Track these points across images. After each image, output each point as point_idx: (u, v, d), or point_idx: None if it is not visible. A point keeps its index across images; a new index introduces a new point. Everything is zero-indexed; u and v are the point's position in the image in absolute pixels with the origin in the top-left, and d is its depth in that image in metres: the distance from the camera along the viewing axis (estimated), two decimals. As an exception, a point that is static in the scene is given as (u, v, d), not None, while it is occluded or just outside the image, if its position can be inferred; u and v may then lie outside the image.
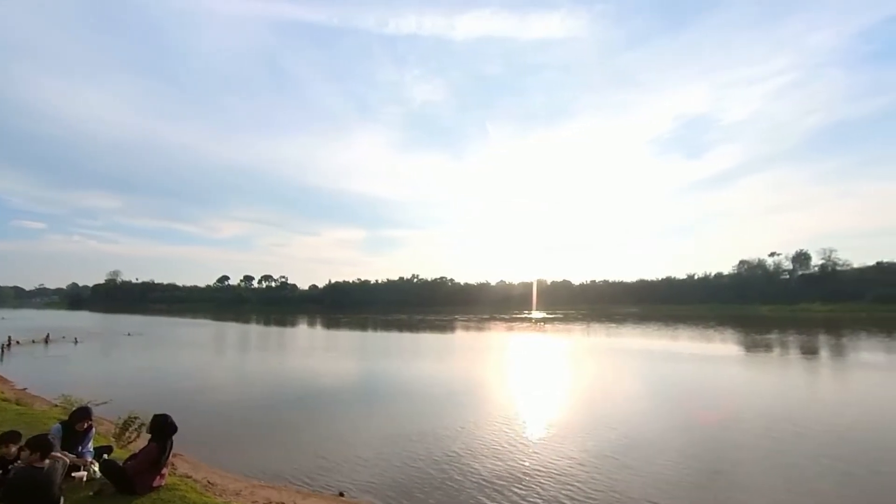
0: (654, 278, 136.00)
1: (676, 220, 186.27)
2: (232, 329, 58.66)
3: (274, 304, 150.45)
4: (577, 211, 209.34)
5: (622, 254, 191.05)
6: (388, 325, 61.41)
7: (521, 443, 10.94)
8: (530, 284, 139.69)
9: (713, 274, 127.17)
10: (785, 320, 63.36)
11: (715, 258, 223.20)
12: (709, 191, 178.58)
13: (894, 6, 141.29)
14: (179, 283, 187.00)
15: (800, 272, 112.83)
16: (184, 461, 9.13)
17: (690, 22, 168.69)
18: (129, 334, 44.89)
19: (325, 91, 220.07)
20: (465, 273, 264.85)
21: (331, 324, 67.33)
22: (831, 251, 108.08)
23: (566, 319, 73.52)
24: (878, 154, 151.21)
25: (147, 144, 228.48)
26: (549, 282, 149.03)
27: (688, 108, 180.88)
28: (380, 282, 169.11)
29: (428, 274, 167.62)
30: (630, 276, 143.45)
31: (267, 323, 71.69)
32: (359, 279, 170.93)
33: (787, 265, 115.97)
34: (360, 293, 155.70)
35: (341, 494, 8.16)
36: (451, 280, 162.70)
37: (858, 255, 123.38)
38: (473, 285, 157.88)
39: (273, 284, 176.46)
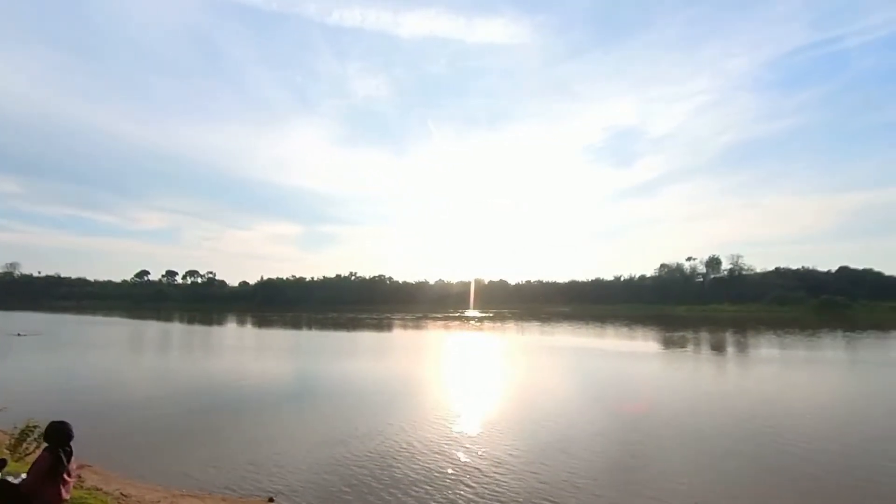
0: (585, 279, 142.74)
1: (606, 224, 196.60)
2: (150, 328, 54.56)
3: (200, 301, 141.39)
4: (514, 213, 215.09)
5: (555, 255, 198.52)
6: (323, 324, 59.82)
7: (454, 440, 11.06)
8: (468, 284, 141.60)
9: (637, 276, 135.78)
10: (698, 319, 68.83)
11: (639, 261, 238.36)
12: (635, 198, 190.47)
13: (796, 41, 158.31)
14: (91, 278, 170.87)
15: (712, 276, 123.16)
16: (93, 473, 8.36)
17: (623, 39, 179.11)
18: (19, 334, 38.99)
19: (262, 78, 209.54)
20: (404, 271, 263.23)
21: (261, 322, 64.49)
22: (738, 257, 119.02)
23: (502, 318, 75.37)
24: (778, 171, 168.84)
25: (56, 123, 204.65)
26: (486, 281, 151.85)
27: (618, 119, 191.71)
28: (316, 279, 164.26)
29: (366, 272, 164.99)
30: (562, 277, 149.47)
31: (191, 321, 67.38)
32: (293, 276, 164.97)
33: (702, 269, 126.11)
34: (295, 291, 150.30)
35: (271, 500, 7.83)
36: (390, 278, 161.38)
37: (760, 260, 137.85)
38: (412, 284, 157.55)
39: (199, 280, 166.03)
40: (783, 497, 7.97)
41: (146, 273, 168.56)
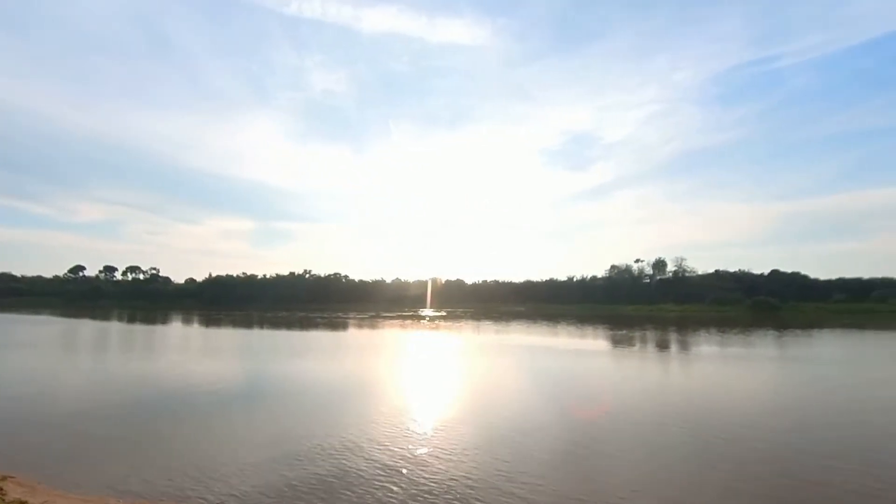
0: (539, 279, 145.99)
1: (560, 226, 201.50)
2: (85, 327, 51.12)
3: (141, 298, 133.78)
4: (472, 213, 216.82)
5: (511, 255, 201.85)
6: (275, 323, 58.06)
7: (408, 441, 11.01)
8: (425, 283, 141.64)
9: (589, 277, 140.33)
10: (645, 319, 71.95)
11: (591, 262, 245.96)
12: (588, 202, 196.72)
13: (737, 58, 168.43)
14: (18, 273, 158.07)
15: (658, 277, 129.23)
16: (17, 484, 7.73)
17: (579, 47, 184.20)
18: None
19: (215, 67, 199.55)
20: (361, 270, 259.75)
21: (209, 321, 61.83)
22: (682, 260, 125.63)
23: (459, 317, 75.85)
24: (719, 180, 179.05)
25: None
26: (443, 280, 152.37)
27: (574, 125, 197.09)
28: (269, 277, 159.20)
29: (322, 270, 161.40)
30: (518, 277, 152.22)
31: (131, 320, 63.66)
32: (244, 273, 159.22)
33: (649, 271, 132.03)
34: (246, 288, 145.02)
35: (218, 507, 7.50)
36: (346, 276, 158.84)
37: (702, 263, 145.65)
38: (368, 282, 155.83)
39: (141, 277, 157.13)
40: (717, 485, 8.44)
41: (81, 268, 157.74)
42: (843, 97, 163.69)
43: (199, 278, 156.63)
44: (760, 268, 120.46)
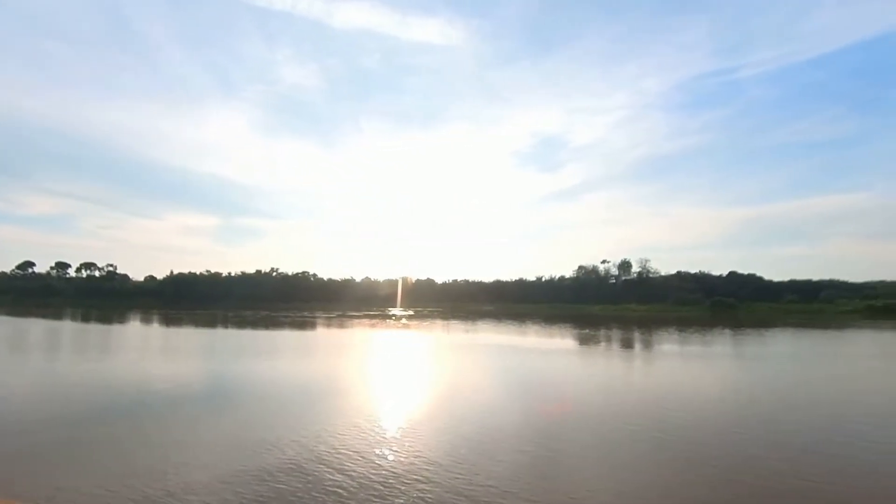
0: (509, 279, 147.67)
1: (530, 226, 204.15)
2: (35, 327, 48.51)
3: (97, 296, 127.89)
4: (443, 212, 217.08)
5: (482, 255, 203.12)
6: (240, 322, 56.58)
7: (376, 442, 10.95)
8: (395, 282, 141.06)
9: (558, 277, 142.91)
10: (611, 318, 73.76)
11: (560, 263, 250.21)
12: (558, 203, 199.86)
13: (700, 68, 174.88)
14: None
15: (623, 278, 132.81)
16: (-46, 493, 7.26)
17: (551, 52, 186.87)
18: None
19: (179, 56, 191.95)
20: (329, 268, 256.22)
21: (170, 320, 59.71)
22: (646, 261, 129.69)
23: (429, 316, 75.83)
24: (682, 184, 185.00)
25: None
26: (413, 280, 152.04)
27: (545, 127, 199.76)
28: (233, 275, 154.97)
29: (289, 268, 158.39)
30: (488, 277, 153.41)
31: (86, 319, 60.80)
32: (208, 271, 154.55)
33: (615, 271, 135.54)
34: (209, 287, 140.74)
35: (175, 513, 7.26)
36: (315, 275, 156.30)
37: (665, 264, 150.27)
38: (338, 281, 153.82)
39: (96, 274, 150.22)
40: (684, 481, 8.74)
41: (31, 264, 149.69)
42: (797, 108, 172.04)
43: (160, 276, 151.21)
44: (719, 269, 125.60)
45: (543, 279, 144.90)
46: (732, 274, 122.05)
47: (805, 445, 10.75)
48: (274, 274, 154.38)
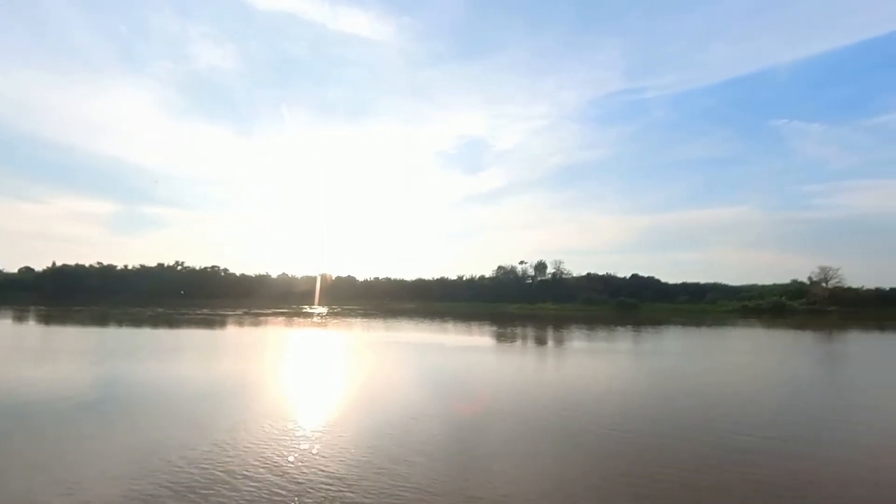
0: (431, 278, 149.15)
1: (453, 227, 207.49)
2: None
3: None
4: (366, 208, 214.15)
5: (404, 253, 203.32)
6: (138, 321, 51.54)
7: (284, 444, 10.53)
8: (314, 279, 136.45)
9: (478, 276, 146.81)
10: (527, 317, 77.09)
11: (480, 263, 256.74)
12: (480, 205, 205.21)
13: (612, 86, 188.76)
14: None
15: (539, 278, 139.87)
16: None
17: (479, 57, 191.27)
18: None
19: (77, 22, 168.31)
20: (243, 263, 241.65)
21: (50, 318, 52.96)
22: (560, 263, 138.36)
23: (348, 314, 74.29)
24: (594, 192, 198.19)
25: None
26: (333, 277, 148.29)
27: (470, 130, 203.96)
28: (131, 268, 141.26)
29: (197, 262, 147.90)
30: (410, 275, 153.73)
31: (-60, 316, 52.08)
32: (99, 263, 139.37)
33: (531, 272, 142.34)
34: (101, 280, 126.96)
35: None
36: (226, 270, 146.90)
37: (576, 266, 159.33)
38: (252, 277, 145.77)
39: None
40: (588, 472, 9.36)
41: None
42: (693, 129, 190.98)
43: (39, 267, 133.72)
44: (624, 272, 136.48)
45: (464, 278, 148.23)
46: (635, 276, 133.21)
47: (686, 429, 12.00)
48: (179, 268, 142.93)
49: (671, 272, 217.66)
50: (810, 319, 73.68)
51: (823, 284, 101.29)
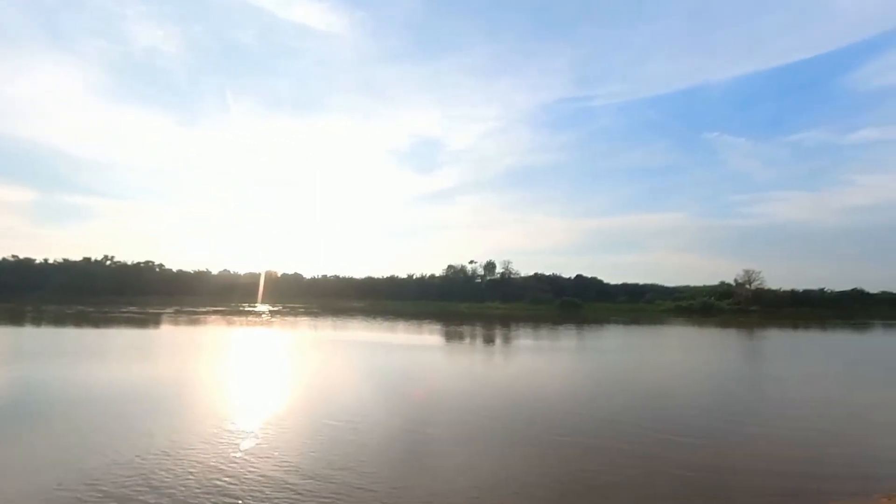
0: (380, 276, 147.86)
1: (404, 225, 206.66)
2: None
3: None
4: (314, 205, 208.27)
5: (353, 251, 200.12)
6: (60, 319, 47.66)
7: (224, 448, 10.16)
8: (258, 275, 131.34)
9: (428, 275, 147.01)
10: (475, 315, 78.13)
11: (432, 262, 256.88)
12: (432, 204, 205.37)
13: (562, 92, 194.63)
14: None
15: (488, 278, 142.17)
16: None
17: (434, 57, 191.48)
18: None
19: None
20: (180, 259, 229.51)
21: (-43, 316, 47.91)
22: (508, 263, 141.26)
23: (295, 313, 72.23)
24: (542, 195, 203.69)
25: None
26: (279, 274, 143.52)
27: (424, 129, 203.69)
28: (53, 262, 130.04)
29: (129, 256, 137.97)
30: (359, 273, 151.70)
31: None
32: (14, 256, 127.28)
33: (481, 272, 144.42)
34: (17, 275, 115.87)
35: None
36: (161, 265, 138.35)
37: (524, 267, 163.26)
38: (190, 273, 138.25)
39: None
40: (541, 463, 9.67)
41: None
42: (636, 138, 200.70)
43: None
44: (569, 273, 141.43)
45: (414, 277, 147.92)
46: (579, 277, 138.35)
47: (641, 420, 12.67)
48: (108, 262, 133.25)
49: (613, 273, 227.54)
50: (734, 318, 79.65)
51: (747, 286, 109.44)
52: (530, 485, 8.38)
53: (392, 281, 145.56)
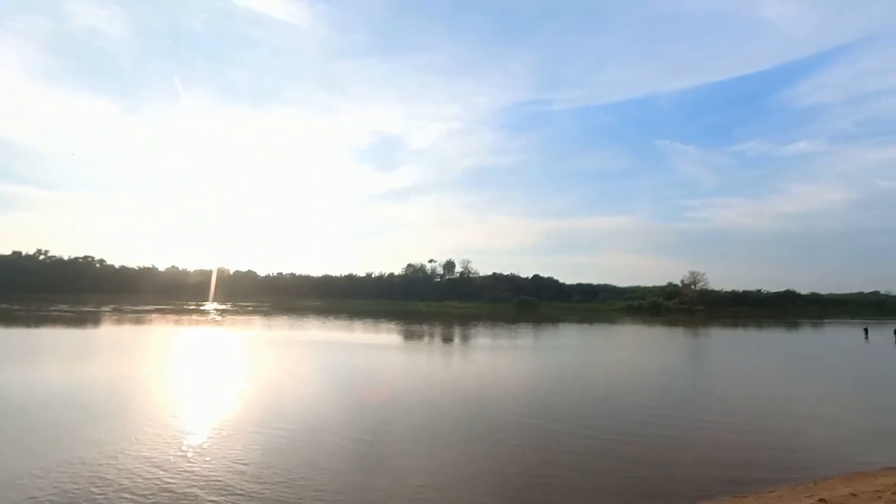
0: (339, 274, 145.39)
1: (363, 223, 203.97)
2: None
3: None
4: (269, 200, 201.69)
5: (311, 249, 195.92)
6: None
7: (181, 456, 9.76)
8: (209, 273, 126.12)
9: (387, 274, 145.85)
10: (434, 314, 78.32)
11: (392, 260, 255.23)
12: (392, 203, 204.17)
13: (522, 95, 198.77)
14: None
15: (447, 277, 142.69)
16: None
17: (397, 55, 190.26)
18: None
19: None
20: (123, 254, 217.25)
21: None
22: (468, 262, 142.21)
23: (249, 312, 69.93)
24: (501, 196, 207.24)
25: None
26: (231, 271, 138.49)
27: (384, 126, 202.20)
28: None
29: (65, 251, 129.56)
30: (316, 271, 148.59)
31: None
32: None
33: (440, 271, 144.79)
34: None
35: None
36: (101, 261, 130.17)
37: (483, 266, 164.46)
38: (134, 270, 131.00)
39: None
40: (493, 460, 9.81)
41: None
42: (592, 143, 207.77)
43: None
44: (526, 272, 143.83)
45: (373, 276, 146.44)
46: (536, 277, 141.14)
47: (578, 418, 13.09)
48: (41, 257, 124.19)
49: (568, 273, 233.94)
50: (681, 317, 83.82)
51: (693, 287, 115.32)
52: (469, 479, 8.52)
53: (350, 279, 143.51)
